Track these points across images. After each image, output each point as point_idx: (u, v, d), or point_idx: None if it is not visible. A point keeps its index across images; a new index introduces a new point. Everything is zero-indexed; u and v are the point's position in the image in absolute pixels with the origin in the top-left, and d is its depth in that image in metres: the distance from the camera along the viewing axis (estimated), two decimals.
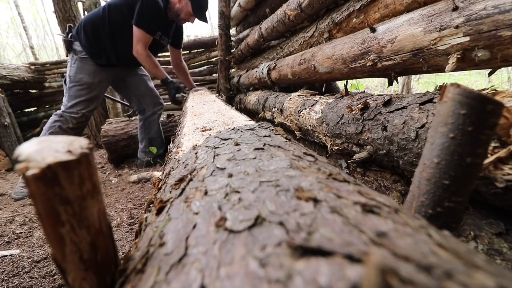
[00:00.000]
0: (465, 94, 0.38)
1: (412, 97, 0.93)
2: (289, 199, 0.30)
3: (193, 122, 1.13)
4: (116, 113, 4.30)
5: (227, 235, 0.26)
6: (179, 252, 0.26)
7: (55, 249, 0.22)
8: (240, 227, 0.26)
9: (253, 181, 0.36)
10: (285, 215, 0.26)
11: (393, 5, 1.21)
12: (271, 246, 0.22)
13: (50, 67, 5.04)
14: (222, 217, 0.29)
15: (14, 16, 13.36)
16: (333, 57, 1.50)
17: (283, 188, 0.33)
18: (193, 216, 0.32)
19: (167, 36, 2.57)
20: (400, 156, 0.89)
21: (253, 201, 0.31)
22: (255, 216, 0.27)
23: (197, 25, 18.28)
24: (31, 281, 1.27)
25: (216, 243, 0.25)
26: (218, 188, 0.37)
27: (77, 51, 2.35)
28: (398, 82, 1.29)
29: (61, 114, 2.34)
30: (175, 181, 0.48)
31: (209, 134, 0.81)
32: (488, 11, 0.76)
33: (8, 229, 1.73)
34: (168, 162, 0.78)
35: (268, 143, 0.55)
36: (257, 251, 0.22)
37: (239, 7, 3.35)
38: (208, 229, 0.28)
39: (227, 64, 3.70)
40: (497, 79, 5.80)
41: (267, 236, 0.24)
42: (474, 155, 0.40)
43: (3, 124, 3.80)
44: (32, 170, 0.18)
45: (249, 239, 0.24)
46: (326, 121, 1.31)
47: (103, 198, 1.11)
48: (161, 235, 0.32)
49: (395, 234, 0.23)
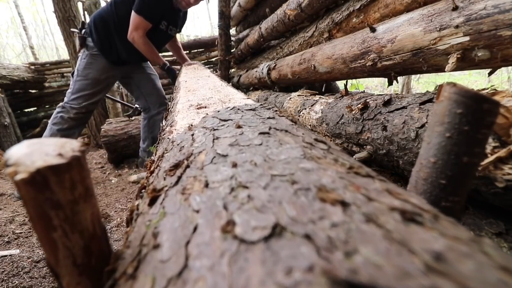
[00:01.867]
0: (461, 93, 0.38)
1: (412, 97, 0.93)
2: (310, 201, 0.25)
3: (187, 99, 1.04)
4: (116, 113, 4.30)
5: (238, 245, 0.21)
6: (178, 262, 0.22)
7: (48, 253, 0.22)
8: (254, 237, 0.21)
9: (263, 174, 0.31)
10: (311, 224, 0.22)
11: (393, 5, 1.21)
12: (300, 271, 0.17)
13: (50, 67, 5.04)
14: (229, 220, 0.24)
15: (14, 16, 13.37)
16: (333, 57, 1.49)
17: (301, 185, 0.27)
18: (193, 215, 0.27)
19: (175, 26, 2.55)
20: (400, 156, 0.89)
21: (267, 201, 0.26)
22: (272, 224, 0.22)
23: (197, 25, 18.30)
24: (31, 281, 1.27)
25: (224, 255, 0.21)
26: (221, 180, 0.32)
27: (89, 46, 2.38)
28: (398, 82, 1.29)
29: (63, 105, 2.39)
30: (169, 166, 0.43)
31: (205, 112, 0.74)
32: (488, 11, 0.75)
33: (8, 229, 1.73)
34: (161, 141, 0.71)
35: (273, 127, 0.49)
36: (281, 276, 0.17)
37: (239, 7, 3.35)
38: (212, 234, 0.23)
39: (227, 64, 3.70)
40: (497, 79, 5.79)
41: (292, 255, 0.19)
42: (471, 155, 0.40)
43: (3, 124, 3.81)
44: (21, 175, 0.18)
45: (267, 255, 0.19)
46: (326, 121, 1.30)
47: (104, 198, 1.10)
48: (155, 234, 0.28)
49: (452, 255, 0.19)
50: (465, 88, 0.38)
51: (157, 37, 2.44)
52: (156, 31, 2.38)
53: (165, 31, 2.48)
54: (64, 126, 2.36)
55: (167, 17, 2.42)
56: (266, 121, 0.54)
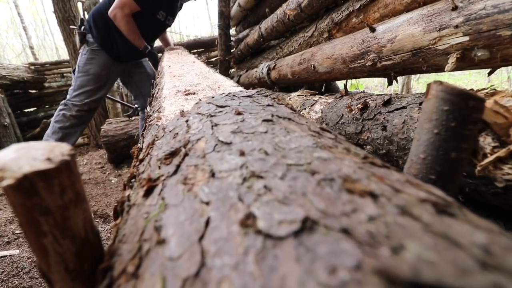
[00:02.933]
0: (448, 91, 0.39)
1: (411, 97, 0.93)
2: (337, 192, 0.22)
3: (173, 84, 0.97)
4: (116, 113, 4.30)
5: (263, 241, 0.19)
6: (193, 260, 0.20)
7: (40, 259, 0.22)
8: (282, 232, 0.19)
9: (277, 163, 0.28)
10: (345, 217, 0.19)
11: (393, 5, 1.20)
12: (345, 270, 0.15)
13: (50, 67, 5.03)
14: (248, 213, 0.21)
15: (14, 16, 13.36)
16: (332, 57, 1.49)
17: (324, 176, 0.25)
18: (202, 207, 0.24)
19: (171, 16, 2.50)
20: (399, 156, 0.88)
21: (288, 192, 0.23)
22: (302, 217, 0.20)
23: (197, 25, 18.30)
24: (30, 282, 1.27)
25: (248, 253, 0.18)
26: (229, 169, 0.29)
27: (90, 42, 2.36)
28: (397, 81, 1.28)
29: (65, 102, 2.37)
30: (164, 154, 0.39)
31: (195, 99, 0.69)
32: (487, 11, 0.75)
33: (8, 229, 1.73)
34: (148, 128, 0.65)
35: (275, 114, 0.46)
36: (323, 276, 0.15)
37: (238, 7, 3.34)
38: (229, 229, 0.21)
39: (227, 64, 3.69)
40: (497, 78, 5.78)
41: (332, 251, 0.17)
42: (459, 150, 0.41)
43: (2, 124, 3.81)
44: (7, 181, 0.17)
45: (301, 252, 0.17)
46: (326, 121, 1.30)
47: (104, 198, 1.10)
48: (157, 227, 0.25)
49: (497, 248, 0.17)
50: (451, 86, 0.39)
51: (155, 27, 2.41)
52: (154, 21, 2.34)
53: (163, 21, 2.43)
54: (66, 124, 2.33)
55: (166, 7, 2.37)
56: (266, 108, 0.50)
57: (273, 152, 0.31)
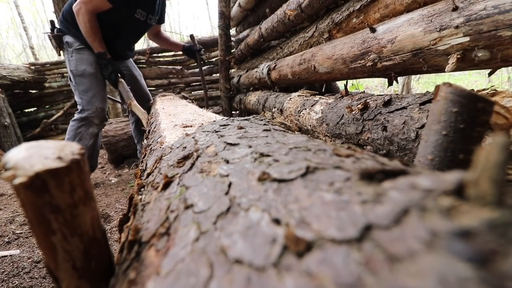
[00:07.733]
0: (457, 92, 0.40)
1: (412, 97, 0.93)
2: (328, 156, 0.29)
3: (170, 120, 1.01)
4: (116, 113, 4.30)
5: (278, 184, 0.24)
6: (222, 204, 0.24)
7: (48, 257, 0.22)
8: (292, 176, 0.24)
9: (280, 147, 0.34)
10: (336, 164, 0.25)
11: (393, 5, 1.21)
12: (340, 182, 0.21)
13: (50, 67, 5.02)
14: (263, 172, 0.26)
15: (14, 16, 13.35)
16: (333, 57, 1.49)
17: (318, 149, 0.31)
18: (222, 178, 0.29)
19: (152, 14, 2.27)
20: (400, 156, 0.89)
21: (293, 159, 0.28)
22: (305, 166, 0.25)
23: (197, 26, 18.29)
24: (31, 282, 1.27)
25: (268, 190, 0.23)
26: (240, 156, 0.34)
27: (70, 43, 2.17)
28: (398, 82, 1.29)
29: (80, 117, 2.14)
30: (177, 159, 0.43)
31: (193, 131, 0.75)
32: (488, 11, 0.75)
33: (8, 229, 1.73)
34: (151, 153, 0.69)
35: (272, 128, 0.52)
36: (325, 187, 0.21)
37: (239, 7, 3.34)
38: (249, 184, 0.26)
39: (227, 64, 3.69)
40: (497, 79, 5.78)
41: (330, 176, 0.23)
42: (467, 152, 0.41)
43: (3, 124, 3.81)
44: (20, 179, 0.17)
45: (307, 183, 0.22)
46: (326, 121, 1.30)
47: (104, 198, 1.09)
48: (183, 200, 0.29)
49: None
50: (461, 88, 0.40)
51: (135, 27, 2.25)
52: (132, 21, 2.17)
53: (144, 20, 2.23)
54: (90, 142, 2.16)
55: (144, 5, 2.18)
56: (263, 126, 0.57)
57: (276, 143, 0.37)
